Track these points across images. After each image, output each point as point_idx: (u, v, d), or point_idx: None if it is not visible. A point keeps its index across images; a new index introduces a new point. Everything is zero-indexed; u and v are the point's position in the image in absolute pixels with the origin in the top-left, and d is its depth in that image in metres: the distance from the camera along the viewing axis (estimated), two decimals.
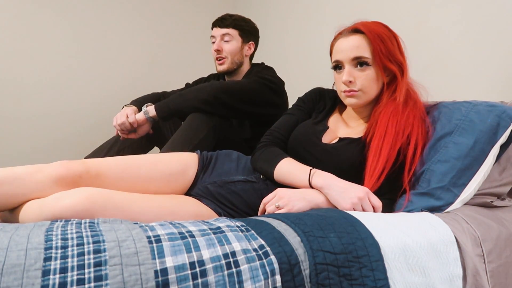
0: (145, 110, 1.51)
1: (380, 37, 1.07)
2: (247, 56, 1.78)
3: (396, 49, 1.10)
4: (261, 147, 1.18)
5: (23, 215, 0.89)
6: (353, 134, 1.15)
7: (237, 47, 1.72)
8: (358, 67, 1.09)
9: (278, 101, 1.63)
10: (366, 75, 1.09)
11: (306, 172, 1.03)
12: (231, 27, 1.70)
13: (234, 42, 1.71)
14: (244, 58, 1.76)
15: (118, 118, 1.53)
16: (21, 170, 0.93)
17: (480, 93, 1.38)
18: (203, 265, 0.64)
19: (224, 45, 1.71)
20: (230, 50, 1.71)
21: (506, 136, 1.02)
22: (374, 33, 1.08)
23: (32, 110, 2.31)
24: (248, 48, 1.77)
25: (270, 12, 2.56)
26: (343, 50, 1.10)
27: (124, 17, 2.53)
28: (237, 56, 1.73)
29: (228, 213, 1.09)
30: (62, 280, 0.56)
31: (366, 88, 1.10)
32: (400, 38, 1.13)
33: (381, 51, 1.07)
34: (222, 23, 1.71)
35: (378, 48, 1.07)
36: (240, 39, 1.73)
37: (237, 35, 1.72)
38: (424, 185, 1.03)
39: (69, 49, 2.38)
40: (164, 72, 2.65)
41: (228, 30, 1.70)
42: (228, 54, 1.71)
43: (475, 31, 1.41)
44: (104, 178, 1.00)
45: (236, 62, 1.73)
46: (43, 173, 0.93)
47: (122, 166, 1.04)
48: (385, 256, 0.75)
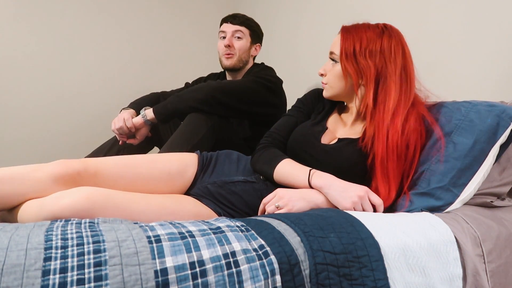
0: (143, 113, 1.51)
1: (354, 38, 1.09)
2: (253, 56, 1.81)
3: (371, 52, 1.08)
4: (260, 148, 1.19)
5: (23, 214, 0.89)
6: (352, 134, 1.15)
7: (247, 46, 1.75)
8: (332, 62, 1.15)
9: (276, 100, 1.63)
10: (333, 71, 1.15)
11: (306, 173, 1.03)
12: (244, 26, 1.74)
13: (244, 40, 1.74)
14: (250, 58, 1.79)
15: (116, 122, 1.53)
16: (20, 169, 0.93)
17: (480, 93, 1.38)
18: (203, 265, 0.64)
19: (235, 42, 1.73)
20: (240, 47, 1.73)
21: (506, 136, 1.02)
22: (350, 33, 1.11)
23: (32, 110, 2.31)
24: (255, 50, 1.80)
25: (272, 13, 2.56)
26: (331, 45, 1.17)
27: (125, 16, 2.53)
28: (245, 55, 1.75)
29: (228, 213, 1.09)
30: (62, 280, 0.56)
31: (331, 83, 1.16)
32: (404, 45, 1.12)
33: (346, 50, 1.09)
34: (234, 20, 1.74)
35: (344, 47, 1.10)
36: (249, 38, 1.76)
37: (247, 34, 1.75)
38: (424, 185, 1.03)
39: (69, 48, 2.38)
40: (165, 72, 2.65)
41: (240, 28, 1.73)
42: (237, 51, 1.73)
43: (475, 31, 1.41)
44: (103, 177, 1.00)
45: (243, 60, 1.75)
46: (42, 172, 0.93)
47: (121, 165, 1.04)
48: (385, 256, 0.75)
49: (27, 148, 2.29)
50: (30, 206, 0.89)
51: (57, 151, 2.34)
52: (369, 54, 1.08)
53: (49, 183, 0.92)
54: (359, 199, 0.95)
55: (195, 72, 2.17)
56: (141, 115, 1.52)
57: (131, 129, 1.52)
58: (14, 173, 0.92)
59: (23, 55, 2.27)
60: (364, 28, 1.11)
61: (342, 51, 1.10)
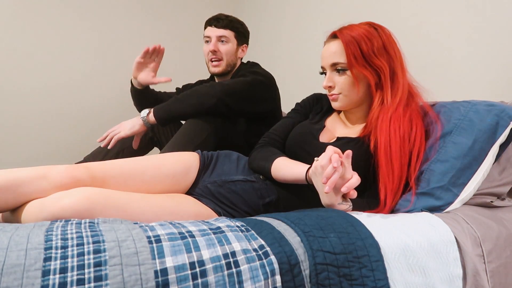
0: (144, 118, 1.47)
1: (356, 40, 1.07)
2: (240, 58, 1.76)
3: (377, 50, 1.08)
4: (257, 148, 1.20)
5: (24, 214, 0.89)
6: (351, 133, 1.15)
7: (233, 49, 1.70)
8: (337, 72, 1.11)
9: (272, 94, 1.62)
10: (344, 80, 1.11)
11: (305, 166, 1.01)
12: (228, 29, 1.68)
13: (230, 44, 1.68)
14: (238, 60, 1.75)
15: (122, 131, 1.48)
16: (24, 176, 0.90)
17: (480, 93, 1.38)
18: (203, 265, 0.64)
19: (220, 46, 1.68)
20: (227, 51, 1.68)
21: (506, 135, 1.02)
22: (350, 37, 1.08)
23: (32, 110, 2.31)
24: (242, 51, 1.75)
25: (272, 13, 2.56)
26: (324, 57, 1.13)
27: (124, 17, 2.53)
28: (232, 58, 1.70)
29: (228, 213, 1.09)
30: (62, 280, 0.56)
31: (345, 92, 1.12)
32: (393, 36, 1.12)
33: (355, 56, 1.07)
34: (218, 23, 1.68)
35: (351, 53, 1.07)
36: (235, 41, 1.70)
37: (233, 37, 1.69)
38: (423, 185, 1.03)
39: (69, 49, 2.38)
40: (165, 72, 2.64)
41: (224, 32, 1.67)
42: (224, 56, 1.67)
43: (475, 31, 1.41)
44: (109, 186, 0.99)
45: (231, 64, 1.71)
46: (47, 181, 0.90)
47: (126, 173, 1.03)
48: (385, 256, 0.75)
49: (26, 147, 2.29)
50: (30, 206, 0.89)
51: (57, 151, 2.34)
52: (377, 52, 1.08)
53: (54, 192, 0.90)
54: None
55: (195, 73, 2.17)
56: (142, 119, 1.47)
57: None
58: (19, 180, 0.89)
59: (23, 57, 2.27)
60: (356, 29, 1.09)
61: (350, 57, 1.07)
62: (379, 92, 1.10)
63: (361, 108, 1.16)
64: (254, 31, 1.89)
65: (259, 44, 2.48)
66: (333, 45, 1.11)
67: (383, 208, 0.99)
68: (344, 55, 1.08)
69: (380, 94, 1.10)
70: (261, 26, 2.58)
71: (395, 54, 1.10)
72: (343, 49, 1.08)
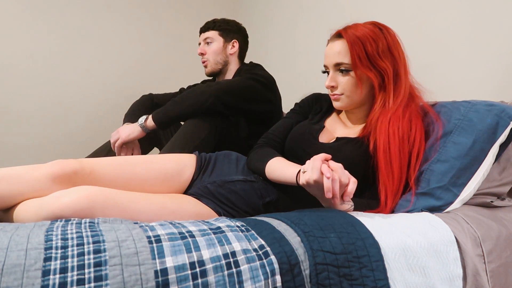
0: (142, 124, 1.47)
1: (361, 41, 1.06)
2: (233, 54, 1.77)
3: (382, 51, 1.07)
4: (255, 148, 1.20)
5: (21, 214, 0.89)
6: (351, 134, 1.15)
7: (219, 47, 1.74)
8: (340, 72, 1.10)
9: (271, 96, 1.63)
10: (347, 80, 1.10)
11: (296, 168, 0.99)
12: (210, 30, 1.75)
13: (215, 43, 1.74)
14: (230, 57, 1.76)
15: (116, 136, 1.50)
16: (17, 169, 0.94)
17: (480, 93, 1.38)
18: (203, 265, 0.64)
19: (206, 48, 1.75)
20: (212, 50, 1.73)
21: (506, 135, 1.02)
22: (355, 37, 1.07)
23: (32, 111, 2.31)
24: (232, 46, 1.76)
25: (271, 13, 2.56)
26: (328, 56, 1.12)
27: (125, 18, 2.53)
28: (220, 56, 1.74)
29: (228, 212, 1.09)
30: (62, 280, 0.56)
31: (348, 92, 1.11)
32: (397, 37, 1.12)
33: (359, 57, 1.06)
34: (204, 28, 1.77)
35: (355, 54, 1.06)
36: (221, 38, 1.74)
37: (217, 36, 1.74)
38: (423, 185, 1.03)
39: (68, 50, 2.38)
40: (165, 73, 2.65)
41: (208, 33, 1.75)
42: (209, 56, 1.74)
43: (475, 31, 1.41)
44: (99, 176, 1.00)
45: (220, 62, 1.75)
46: (39, 171, 0.94)
47: (116, 164, 1.05)
48: (385, 256, 0.75)
49: (26, 149, 2.29)
50: (29, 205, 0.89)
51: (57, 152, 2.34)
52: (382, 54, 1.07)
53: (47, 182, 0.93)
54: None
55: (196, 73, 2.17)
56: (140, 126, 1.48)
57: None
58: (12, 172, 0.93)
59: (21, 55, 2.27)
60: (361, 29, 1.08)
61: (354, 57, 1.06)
62: (381, 94, 1.10)
63: (362, 108, 1.16)
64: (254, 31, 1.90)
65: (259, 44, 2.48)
66: (337, 45, 1.10)
67: (383, 209, 0.99)
68: (348, 55, 1.07)
69: (382, 95, 1.10)
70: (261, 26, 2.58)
71: (399, 56, 1.10)
72: (348, 49, 1.07)
